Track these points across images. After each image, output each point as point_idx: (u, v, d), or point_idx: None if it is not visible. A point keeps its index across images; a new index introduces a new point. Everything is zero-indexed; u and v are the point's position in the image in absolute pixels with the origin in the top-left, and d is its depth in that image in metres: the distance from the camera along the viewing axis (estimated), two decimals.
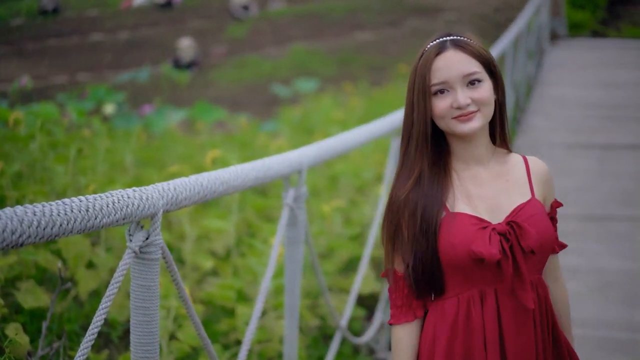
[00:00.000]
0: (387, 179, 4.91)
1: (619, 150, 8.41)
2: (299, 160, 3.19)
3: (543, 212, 2.18)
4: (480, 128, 2.15)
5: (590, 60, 12.33)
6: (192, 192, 2.32)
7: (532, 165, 2.24)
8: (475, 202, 2.18)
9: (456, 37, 2.18)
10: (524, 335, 2.14)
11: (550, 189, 2.27)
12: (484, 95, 2.14)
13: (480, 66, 2.16)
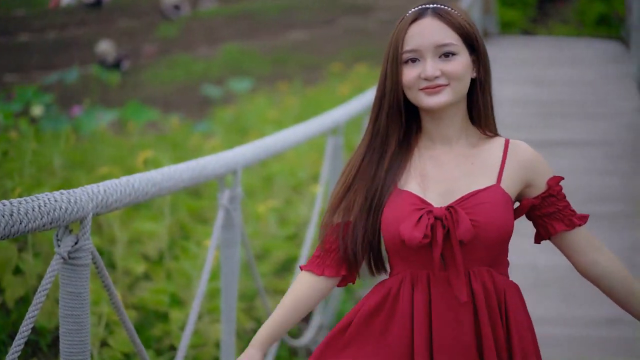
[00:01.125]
0: (324, 178, 4.85)
1: (553, 146, 8.49)
2: (234, 160, 3.12)
3: (501, 201, 2.06)
4: (447, 104, 2.05)
5: (522, 58, 12.46)
6: (123, 194, 2.24)
7: (512, 150, 2.12)
8: (428, 182, 2.08)
9: (439, 5, 2.08)
10: (456, 329, 2.03)
11: (538, 172, 2.13)
12: (456, 70, 2.04)
13: (458, 38, 2.05)
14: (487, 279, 2.06)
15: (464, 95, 2.09)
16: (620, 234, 6.29)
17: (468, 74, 2.07)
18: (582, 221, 2.14)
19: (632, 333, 4.70)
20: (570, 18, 16.00)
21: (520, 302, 2.16)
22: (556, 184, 2.13)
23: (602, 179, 7.55)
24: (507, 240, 2.10)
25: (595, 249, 2.16)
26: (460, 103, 2.09)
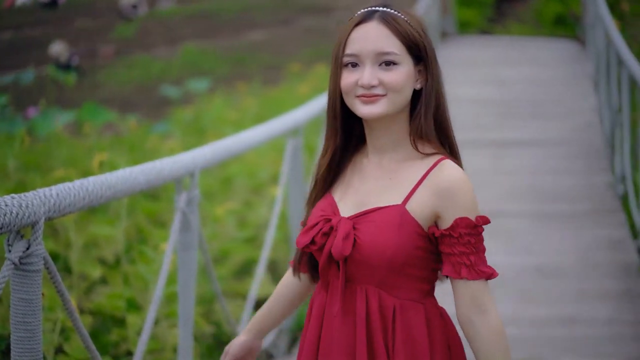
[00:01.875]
0: (283, 180, 4.82)
1: (512, 146, 8.54)
2: (191, 163, 3.09)
3: (395, 222, 1.93)
4: (381, 115, 1.95)
5: (480, 58, 12.51)
6: (76, 197, 2.19)
7: (434, 173, 1.97)
8: (348, 192, 2.03)
9: (389, 10, 1.97)
10: (338, 344, 1.99)
11: (450, 205, 1.95)
12: (395, 81, 1.94)
13: (402, 48, 1.95)
14: (372, 298, 1.97)
15: (404, 108, 1.99)
16: (578, 232, 6.33)
17: (409, 86, 1.97)
18: (472, 276, 1.97)
19: (586, 332, 4.73)
20: (527, 18, 16.11)
21: (423, 327, 2.00)
22: (463, 226, 1.95)
23: (560, 178, 7.60)
24: (398, 264, 1.95)
25: (478, 310, 1.98)
26: (399, 115, 1.99)
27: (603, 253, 5.90)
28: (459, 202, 1.95)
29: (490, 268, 2.01)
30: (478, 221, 1.96)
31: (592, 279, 5.49)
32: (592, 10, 10.82)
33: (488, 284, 2.01)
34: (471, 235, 1.95)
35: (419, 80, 2.00)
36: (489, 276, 2.00)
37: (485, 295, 1.99)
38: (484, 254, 2.00)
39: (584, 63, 11.52)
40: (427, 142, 2.00)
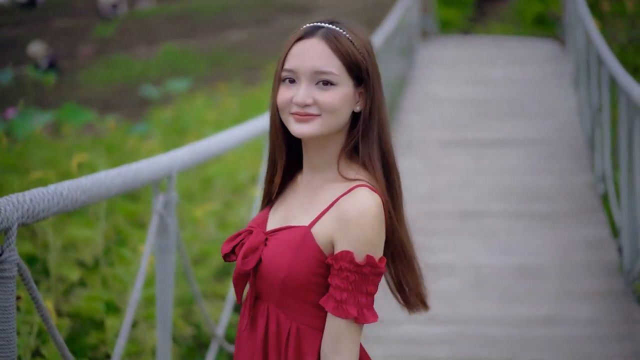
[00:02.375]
0: (262, 180, 4.79)
1: (492, 146, 8.54)
2: (168, 165, 3.05)
3: (295, 244, 1.89)
4: (313, 135, 1.88)
5: (461, 57, 12.52)
6: (50, 202, 2.16)
7: (343, 200, 1.88)
8: (280, 209, 2.00)
9: (334, 27, 1.90)
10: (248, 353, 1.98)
11: (342, 235, 1.86)
12: (331, 102, 1.87)
13: (342, 69, 1.88)
14: (272, 317, 1.94)
15: (340, 129, 1.92)
16: (558, 232, 6.34)
17: (346, 108, 1.90)
18: (336, 312, 1.85)
19: (566, 332, 4.74)
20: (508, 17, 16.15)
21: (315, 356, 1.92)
22: (345, 260, 1.85)
23: (540, 177, 7.61)
24: (292, 286, 1.90)
25: (333, 349, 1.87)
26: (335, 136, 1.92)
27: (584, 252, 5.91)
28: (350, 234, 1.85)
29: (367, 313, 1.87)
30: (366, 261, 1.85)
31: (572, 279, 5.49)
32: (572, 10, 10.85)
33: (356, 328, 1.87)
34: (351, 272, 1.85)
35: (359, 102, 1.93)
36: (356, 319, 1.86)
37: (345, 337, 1.86)
38: (369, 297, 1.87)
39: (564, 63, 11.56)
40: (362, 167, 1.93)
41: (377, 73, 1.94)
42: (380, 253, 1.88)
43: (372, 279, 1.86)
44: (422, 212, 6.94)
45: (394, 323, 4.92)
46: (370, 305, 1.88)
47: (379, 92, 1.94)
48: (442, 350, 4.57)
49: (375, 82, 1.93)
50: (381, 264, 1.87)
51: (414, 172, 7.98)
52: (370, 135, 1.92)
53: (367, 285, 1.86)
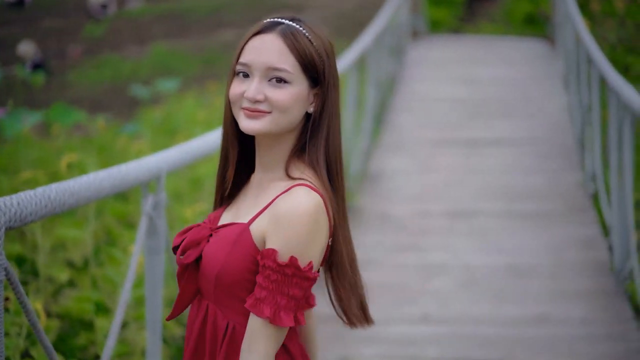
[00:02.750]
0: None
1: (483, 145, 8.55)
2: (157, 166, 3.03)
3: (231, 240, 1.85)
4: (262, 133, 1.85)
5: (451, 57, 12.53)
6: (38, 206, 2.14)
7: (279, 200, 1.84)
8: (233, 206, 1.97)
9: (294, 24, 1.86)
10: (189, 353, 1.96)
11: (273, 231, 1.81)
12: (282, 100, 1.83)
13: (297, 67, 1.84)
14: (210, 314, 1.91)
15: (292, 128, 1.88)
16: (550, 231, 6.35)
17: (298, 108, 1.86)
18: (252, 309, 1.82)
19: (558, 331, 4.74)
20: (497, 17, 16.17)
21: None
22: (269, 258, 1.80)
23: (531, 177, 7.62)
24: (226, 283, 1.86)
25: (247, 347, 1.83)
26: (286, 135, 1.89)
27: (575, 252, 5.92)
28: (280, 233, 1.80)
29: (283, 316, 1.80)
30: (289, 261, 1.79)
31: (564, 278, 5.50)
32: (562, 9, 10.86)
33: (272, 329, 1.81)
34: (273, 271, 1.79)
35: (314, 103, 1.89)
36: (270, 320, 1.80)
37: (259, 336, 1.81)
38: (290, 300, 1.80)
39: (554, 62, 11.57)
40: (309, 167, 1.89)
41: (335, 75, 1.90)
42: (311, 256, 1.80)
43: (295, 282, 1.79)
44: (413, 211, 6.94)
45: (385, 323, 4.92)
46: (289, 309, 1.80)
47: (334, 95, 1.89)
48: (434, 351, 4.56)
49: (331, 85, 1.88)
50: (308, 268, 1.79)
51: (404, 171, 7.98)
52: (318, 137, 1.88)
53: (290, 288, 1.79)
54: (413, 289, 5.44)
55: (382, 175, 7.90)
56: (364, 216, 6.90)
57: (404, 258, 5.98)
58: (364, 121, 8.51)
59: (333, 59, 1.91)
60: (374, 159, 8.33)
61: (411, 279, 5.60)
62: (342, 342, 4.65)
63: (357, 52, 8.02)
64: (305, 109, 1.88)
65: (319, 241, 1.81)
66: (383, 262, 5.90)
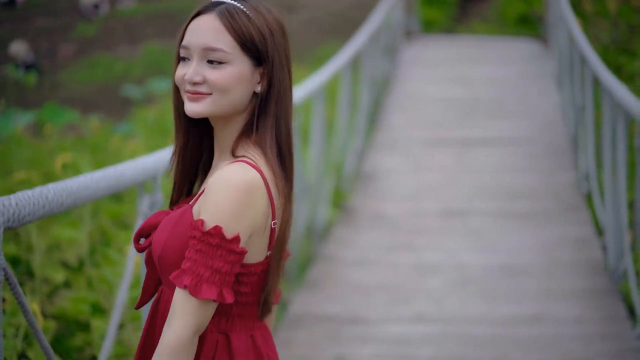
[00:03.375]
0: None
1: (476, 145, 8.56)
2: (153, 167, 3.03)
3: (173, 220, 1.81)
4: (204, 115, 1.80)
5: (445, 57, 12.54)
6: (36, 206, 2.14)
7: (215, 174, 1.79)
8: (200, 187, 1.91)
9: (235, 3, 1.82)
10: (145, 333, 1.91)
11: (203, 203, 1.76)
12: (219, 80, 1.78)
13: (235, 46, 1.78)
14: (162, 299, 1.86)
15: (239, 110, 1.83)
16: (543, 231, 6.36)
17: (241, 88, 1.80)
18: (175, 280, 1.75)
19: (552, 331, 4.76)
20: (490, 17, 16.18)
21: None
22: (195, 227, 1.74)
23: (523, 176, 7.64)
24: (167, 264, 1.80)
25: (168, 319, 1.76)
26: (236, 117, 1.84)
27: (568, 251, 5.94)
28: (207, 203, 1.75)
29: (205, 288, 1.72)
30: (213, 230, 1.72)
31: (558, 278, 5.51)
32: (555, 9, 10.88)
33: (191, 301, 1.73)
34: (198, 241, 1.73)
35: (262, 83, 1.84)
36: (190, 291, 1.72)
37: (178, 307, 1.74)
38: (214, 273, 1.73)
39: (547, 62, 11.60)
40: (256, 146, 1.83)
41: (282, 54, 1.83)
42: (238, 229, 1.73)
43: (220, 254, 1.72)
44: (407, 211, 6.95)
45: (380, 322, 4.93)
46: (211, 282, 1.72)
47: (281, 74, 1.83)
48: (428, 350, 4.57)
49: (276, 63, 1.82)
50: (233, 239, 1.73)
51: (398, 171, 8.00)
52: (267, 117, 1.83)
53: (214, 260, 1.72)
54: (407, 288, 5.45)
55: (376, 175, 7.91)
56: (357, 216, 6.91)
57: (398, 257, 5.99)
58: (357, 121, 8.52)
59: (280, 37, 1.84)
60: (368, 159, 8.34)
61: (405, 278, 5.61)
62: (337, 342, 4.66)
63: (351, 52, 8.03)
64: (251, 89, 1.82)
65: (248, 216, 1.75)
66: (377, 262, 5.91)
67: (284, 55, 1.84)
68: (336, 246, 6.28)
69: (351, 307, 5.15)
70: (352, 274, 5.71)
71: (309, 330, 4.84)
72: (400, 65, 12.00)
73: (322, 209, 6.54)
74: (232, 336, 1.82)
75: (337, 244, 6.32)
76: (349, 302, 5.23)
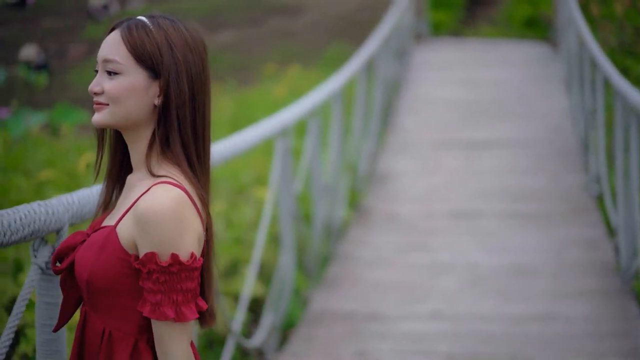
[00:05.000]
0: (274, 181, 4.90)
1: (485, 147, 8.68)
2: None
3: (98, 243, 1.82)
4: (102, 125, 1.84)
5: (454, 60, 12.66)
6: (95, 203, 2.25)
7: (140, 200, 1.80)
8: (114, 209, 1.92)
9: (141, 19, 1.87)
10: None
11: (143, 235, 1.78)
12: (111, 91, 1.82)
13: (130, 58, 1.83)
14: (88, 320, 1.87)
15: (135, 121, 1.85)
16: (553, 232, 6.47)
17: (135, 99, 1.83)
18: (154, 315, 1.78)
19: (564, 329, 4.85)
20: (498, 20, 16.28)
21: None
22: (152, 262, 1.77)
23: (530, 178, 7.76)
24: (97, 288, 1.82)
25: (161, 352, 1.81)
26: (142, 130, 1.86)
27: (579, 252, 6.04)
28: (150, 235, 1.77)
29: (186, 311, 1.78)
30: (172, 259, 1.76)
31: (569, 278, 5.62)
32: (565, 12, 10.98)
33: (179, 327, 1.79)
34: (160, 274, 1.76)
35: (161, 96, 1.86)
36: (174, 319, 1.78)
37: (168, 337, 1.79)
38: (186, 293, 1.78)
39: (555, 65, 11.70)
40: (172, 164, 1.85)
41: (179, 67, 1.85)
42: (189, 248, 1.78)
43: (184, 276, 1.77)
44: (419, 212, 7.08)
45: (397, 320, 5.06)
46: (188, 301, 1.78)
47: (177, 85, 1.85)
48: (445, 346, 4.69)
49: (173, 76, 1.84)
50: (192, 260, 1.78)
51: (410, 172, 8.13)
52: (170, 130, 1.85)
53: (181, 283, 1.77)
54: (422, 287, 5.58)
55: (389, 176, 8.05)
56: (372, 216, 7.04)
57: (412, 257, 6.11)
58: (371, 123, 8.65)
59: (179, 50, 1.86)
60: (381, 160, 8.47)
61: (420, 277, 5.74)
62: (357, 338, 4.79)
63: (366, 56, 8.15)
64: (149, 101, 1.84)
65: (189, 231, 1.79)
66: (392, 261, 6.04)
67: (182, 68, 1.85)
68: (352, 246, 6.42)
69: (369, 305, 5.28)
70: (369, 273, 5.85)
71: (329, 327, 4.97)
72: (411, 68, 12.12)
73: (339, 209, 6.68)
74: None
75: (353, 244, 6.45)
76: (366, 300, 5.36)
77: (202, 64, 1.87)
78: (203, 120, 1.87)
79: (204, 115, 1.87)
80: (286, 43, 16.68)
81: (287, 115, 5.16)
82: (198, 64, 1.86)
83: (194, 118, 1.85)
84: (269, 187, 5.03)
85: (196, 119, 1.86)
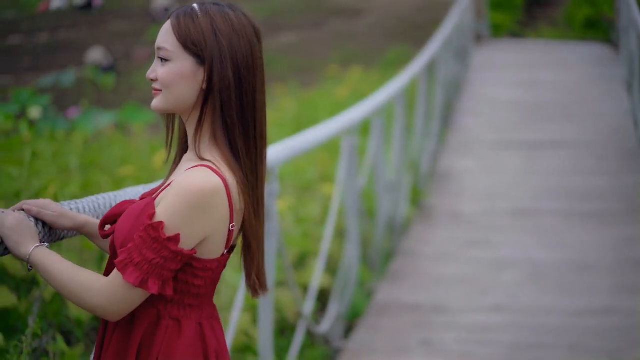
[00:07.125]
0: (341, 178, 5.11)
1: (544, 147, 8.79)
2: (271, 158, 3.36)
3: (136, 212, 1.85)
4: (158, 110, 1.90)
5: (513, 61, 12.75)
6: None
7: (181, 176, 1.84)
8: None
9: (193, 6, 1.91)
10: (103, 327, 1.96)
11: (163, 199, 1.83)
12: (162, 77, 1.87)
13: (176, 44, 1.87)
14: None
15: (186, 106, 1.90)
16: (610, 230, 6.56)
17: (184, 84, 1.87)
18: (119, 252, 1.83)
19: (624, 322, 4.95)
20: (558, 21, 16.26)
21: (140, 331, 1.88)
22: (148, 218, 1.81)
23: (591, 178, 7.84)
24: None
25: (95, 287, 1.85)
26: (192, 115, 1.90)
27: (636, 250, 6.13)
28: (165, 200, 1.82)
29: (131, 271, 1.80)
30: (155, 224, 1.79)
31: (628, 274, 5.71)
32: (626, 13, 11.00)
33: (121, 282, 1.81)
34: (143, 228, 1.81)
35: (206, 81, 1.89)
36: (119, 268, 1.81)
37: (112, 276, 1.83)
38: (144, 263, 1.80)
39: (617, 66, 11.70)
40: (216, 148, 1.89)
41: (222, 52, 1.87)
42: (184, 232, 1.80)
43: (154, 247, 1.79)
44: (480, 209, 7.24)
45: (460, 312, 5.24)
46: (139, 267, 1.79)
47: (220, 70, 1.87)
48: (508, 337, 4.85)
49: (216, 61, 1.87)
50: (170, 239, 1.79)
51: (471, 171, 8.28)
52: (214, 115, 1.88)
53: (147, 250, 1.79)
54: (484, 281, 5.74)
55: (450, 175, 8.21)
56: (434, 213, 7.22)
57: (474, 253, 6.28)
58: (432, 123, 8.82)
59: (225, 36, 1.88)
60: (442, 159, 8.64)
61: (482, 272, 5.90)
62: (422, 328, 4.98)
63: (427, 57, 8.32)
64: (197, 86, 1.88)
65: (201, 221, 1.81)
66: (455, 257, 6.21)
67: (227, 55, 1.87)
68: (415, 242, 6.60)
69: (433, 297, 5.46)
70: (432, 267, 6.03)
71: (395, 317, 5.16)
72: (471, 68, 12.24)
73: (402, 206, 6.87)
74: (183, 322, 1.88)
75: (416, 240, 6.64)
76: (430, 293, 5.54)
77: (251, 48, 1.89)
78: (254, 103, 1.88)
79: (254, 98, 1.88)
80: (346, 45, 16.87)
81: (352, 115, 5.37)
82: (246, 48, 1.88)
83: (241, 102, 1.87)
84: (335, 184, 5.23)
85: (243, 102, 1.87)
